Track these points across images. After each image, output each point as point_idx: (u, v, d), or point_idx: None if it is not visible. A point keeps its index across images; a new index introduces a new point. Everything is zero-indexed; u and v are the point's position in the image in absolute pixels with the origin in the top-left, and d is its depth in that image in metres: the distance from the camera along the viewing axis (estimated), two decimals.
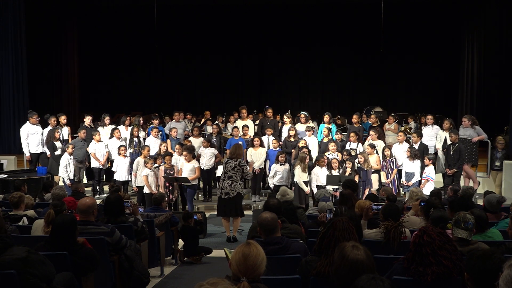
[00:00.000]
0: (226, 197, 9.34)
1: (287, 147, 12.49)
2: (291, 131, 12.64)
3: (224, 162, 9.67)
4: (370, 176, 11.09)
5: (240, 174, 9.40)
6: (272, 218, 4.80)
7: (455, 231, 4.89)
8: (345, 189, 7.57)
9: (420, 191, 8.53)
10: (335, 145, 11.91)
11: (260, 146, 12.24)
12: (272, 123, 13.56)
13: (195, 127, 13.51)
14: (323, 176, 10.83)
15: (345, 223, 4.22)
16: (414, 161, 11.34)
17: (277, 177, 11.37)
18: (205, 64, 22.48)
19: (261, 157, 12.23)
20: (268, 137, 12.78)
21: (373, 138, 12.23)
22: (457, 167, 11.48)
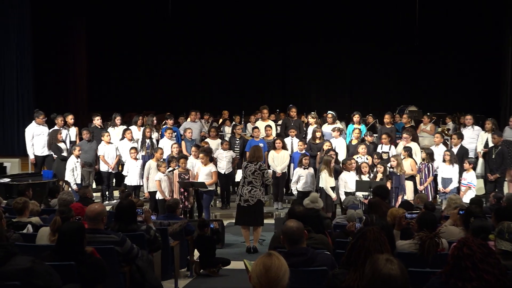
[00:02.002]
0: (246, 204, 9.34)
1: (311, 149, 12.46)
2: (316, 133, 12.61)
3: (243, 166, 9.66)
4: (403, 181, 11.00)
5: (260, 179, 9.40)
6: (297, 228, 4.78)
7: (499, 242, 4.82)
8: (374, 196, 7.51)
9: (459, 199, 8.43)
10: (365, 148, 11.85)
11: (283, 148, 12.22)
12: (297, 123, 13.55)
13: (212, 128, 13.55)
14: (352, 182, 10.77)
15: (376, 233, 4.18)
16: (452, 165, 11.22)
17: (300, 182, 11.35)
18: (223, 60, 22.59)
19: (284, 161, 12.21)
20: (292, 139, 12.76)
21: (406, 140, 12.12)
22: (500, 172, 11.34)
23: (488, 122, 12.19)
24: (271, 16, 21.96)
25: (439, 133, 12.60)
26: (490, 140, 11.80)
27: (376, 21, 21.51)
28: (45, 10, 17.43)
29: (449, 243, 5.52)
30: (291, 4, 21.57)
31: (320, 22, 22.04)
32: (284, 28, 22.30)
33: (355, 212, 7.40)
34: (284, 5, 21.57)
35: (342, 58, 22.74)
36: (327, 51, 22.65)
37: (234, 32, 22.21)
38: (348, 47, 22.41)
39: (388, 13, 21.19)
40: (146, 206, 10.64)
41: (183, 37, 22.08)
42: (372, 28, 21.64)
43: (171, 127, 13.46)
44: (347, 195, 10.50)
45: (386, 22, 21.39)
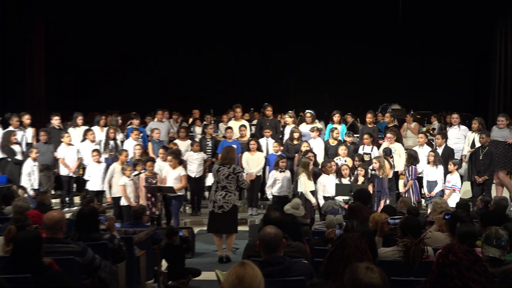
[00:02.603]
0: (221, 211, 9.32)
1: (289, 151, 12.50)
2: (294, 133, 12.65)
3: (214, 169, 9.62)
4: (386, 185, 11.09)
5: (235, 183, 9.40)
6: (275, 234, 4.78)
7: (486, 249, 4.88)
8: (355, 200, 7.57)
9: (445, 203, 8.53)
10: (346, 149, 11.92)
11: (258, 150, 12.24)
12: (272, 123, 13.57)
13: (182, 128, 13.52)
14: (331, 185, 10.83)
15: (357, 240, 4.21)
16: (436, 167, 11.35)
17: (276, 186, 11.37)
18: (193, 56, 22.52)
19: (258, 163, 12.23)
20: (267, 140, 12.79)
21: (390, 141, 12.22)
22: (488, 174, 11.49)
23: (475, 121, 12.35)
24: (247, 13, 22.00)
25: (423, 133, 12.72)
26: (476, 140, 11.95)
27: (356, 17, 21.65)
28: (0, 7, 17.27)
29: (434, 250, 5.57)
30: (268, 1, 21.66)
31: (298, 19, 22.12)
32: (261, 26, 22.33)
33: (334, 218, 7.44)
34: (262, 4, 21.65)
35: (321, 55, 22.82)
36: (305, 48, 22.72)
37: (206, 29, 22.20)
38: (328, 44, 22.50)
39: (369, 8, 21.35)
40: (109, 213, 10.58)
41: (151, 33, 21.99)
42: (353, 24, 21.78)
43: (137, 128, 13.40)
44: (326, 199, 10.56)
45: (367, 18, 21.54)
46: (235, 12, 22.07)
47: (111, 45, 22.20)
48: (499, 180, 11.87)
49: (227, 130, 13.05)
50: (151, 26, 22.08)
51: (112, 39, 22.15)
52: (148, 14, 21.57)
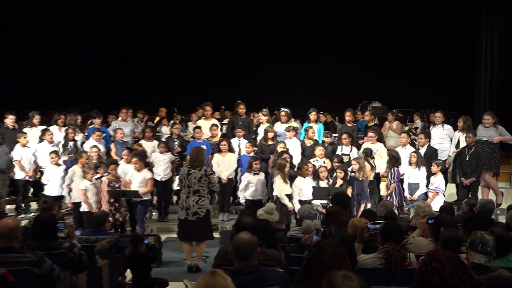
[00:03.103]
0: (195, 217, 9.30)
1: (263, 152, 12.52)
2: (269, 133, 12.66)
3: (183, 172, 9.57)
4: (366, 188, 11.16)
5: (207, 186, 9.39)
6: (249, 241, 4.77)
7: (471, 255, 4.94)
8: (333, 204, 7.60)
9: (428, 206, 8.58)
10: (323, 150, 11.97)
11: (229, 151, 12.24)
12: (245, 122, 13.58)
13: (148, 128, 13.45)
14: (308, 188, 10.86)
15: (335, 246, 4.23)
16: (418, 168, 11.43)
17: (249, 189, 11.38)
18: (160, 51, 22.49)
19: (230, 165, 12.23)
20: (240, 140, 12.79)
21: (371, 140, 12.28)
22: (475, 175, 11.62)
23: (460, 120, 12.49)
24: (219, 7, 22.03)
25: (406, 133, 12.80)
26: (462, 140, 12.09)
27: (333, 10, 21.80)
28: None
29: (417, 256, 5.62)
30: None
31: (272, 13, 22.22)
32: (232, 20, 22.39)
33: (311, 223, 7.44)
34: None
35: (297, 50, 22.91)
36: (280, 43, 22.80)
37: (175, 24, 22.19)
38: (304, 38, 22.62)
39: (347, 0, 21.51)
40: (69, 219, 10.49)
41: (114, 27, 21.91)
42: (330, 18, 21.91)
43: (98, 127, 13.29)
44: (302, 203, 10.54)
45: (345, 11, 21.70)
46: (206, 6, 22.07)
47: (71, 38, 22.03)
48: (485, 182, 12.00)
49: (196, 130, 13.02)
50: (115, 21, 21.97)
51: (71, 32, 21.99)
52: (109, 8, 21.46)
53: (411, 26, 21.58)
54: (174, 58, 22.65)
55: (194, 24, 22.43)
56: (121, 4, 21.87)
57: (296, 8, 22.13)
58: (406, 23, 21.46)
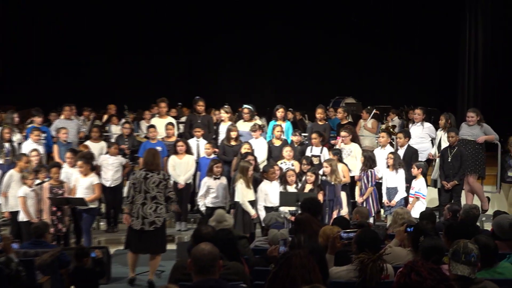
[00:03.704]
0: (153, 227, 9.23)
1: (225, 153, 12.51)
2: (232, 132, 12.64)
3: (138, 176, 9.40)
4: (339, 192, 11.21)
5: (164, 192, 9.33)
6: (210, 252, 4.76)
7: (454, 266, 4.97)
8: (302, 211, 7.60)
9: (407, 213, 8.65)
10: (291, 151, 11.98)
11: (187, 152, 12.20)
12: (205, 120, 13.52)
13: (95, 127, 13.35)
14: (275, 194, 10.87)
15: (304, 258, 4.24)
16: (396, 171, 11.49)
17: (210, 195, 11.33)
18: (111, 44, 22.37)
19: (188, 169, 12.20)
20: (198, 140, 12.75)
21: (345, 140, 12.33)
22: (458, 178, 11.73)
23: (442, 117, 12.62)
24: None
25: (385, 132, 12.85)
26: (444, 140, 12.21)
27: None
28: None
29: (395, 268, 5.65)
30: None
31: (233, 3, 22.24)
32: (190, 10, 22.40)
33: (278, 232, 7.44)
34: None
35: (262, 41, 22.95)
36: (243, 34, 22.83)
37: (130, 15, 22.14)
38: (270, 29, 22.69)
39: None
40: (5, 231, 10.36)
41: (55, 20, 21.80)
42: (298, 6, 21.99)
43: (38, 127, 13.14)
44: (268, 211, 10.53)
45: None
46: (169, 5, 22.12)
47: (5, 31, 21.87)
48: (469, 186, 12.12)
49: (149, 129, 12.96)
50: (57, 15, 21.89)
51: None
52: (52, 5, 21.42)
53: (389, 16, 21.75)
54: (125, 50, 22.51)
55: (148, 14, 22.36)
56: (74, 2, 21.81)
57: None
58: (384, 13, 21.63)
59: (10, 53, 22.00)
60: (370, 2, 20.80)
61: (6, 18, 21.83)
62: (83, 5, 22.21)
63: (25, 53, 22.29)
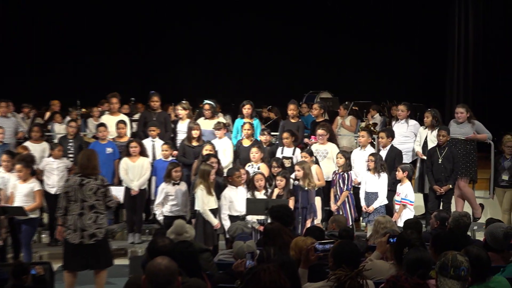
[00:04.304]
0: (93, 240, 9.14)
1: (186, 155, 12.50)
2: (193, 131, 12.59)
3: (72, 183, 9.17)
4: (313, 199, 11.22)
5: (104, 200, 9.22)
6: (167, 267, 4.74)
7: (441, 281, 4.99)
8: (272, 221, 7.59)
9: (389, 221, 8.67)
10: (259, 152, 11.97)
11: (141, 154, 12.14)
12: (161, 118, 13.48)
13: (36, 126, 13.24)
14: (240, 201, 10.86)
15: (274, 273, 4.23)
16: (378, 175, 11.52)
17: (168, 203, 11.31)
18: (52, 30, 22.29)
19: (142, 173, 12.14)
20: (154, 141, 12.70)
21: (322, 140, 12.33)
22: (452, 181, 11.80)
23: (428, 114, 12.67)
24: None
25: (366, 130, 12.86)
26: (430, 140, 12.26)
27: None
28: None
29: (376, 283, 5.67)
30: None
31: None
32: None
33: (244, 244, 7.44)
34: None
35: (226, 31, 22.96)
36: (205, 22, 22.86)
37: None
38: (235, 17, 22.72)
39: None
40: None
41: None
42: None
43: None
44: (233, 220, 10.53)
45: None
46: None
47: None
48: (460, 191, 12.19)
49: (99, 128, 12.88)
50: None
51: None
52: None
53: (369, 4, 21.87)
54: (70, 39, 22.44)
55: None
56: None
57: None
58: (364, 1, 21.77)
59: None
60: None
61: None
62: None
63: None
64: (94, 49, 22.66)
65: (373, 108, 17.31)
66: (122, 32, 23.00)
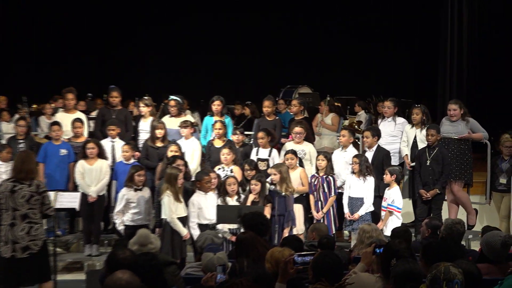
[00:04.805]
0: (27, 254, 9.05)
1: (149, 157, 12.49)
2: (157, 130, 12.56)
3: (3, 189, 9.05)
4: (291, 206, 11.21)
5: (39, 208, 9.12)
6: (128, 282, 4.76)
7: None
8: (245, 230, 7.58)
9: (375, 230, 8.71)
10: (232, 153, 11.96)
11: (99, 156, 12.09)
12: (121, 116, 13.42)
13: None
14: (210, 208, 10.85)
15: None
16: (364, 178, 11.54)
17: (130, 211, 11.28)
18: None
19: (101, 177, 12.09)
20: (113, 141, 12.65)
21: (298, 139, 12.33)
22: (440, 186, 11.82)
23: (417, 110, 12.65)
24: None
25: (348, 129, 12.87)
26: (420, 139, 12.29)
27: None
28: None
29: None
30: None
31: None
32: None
33: (215, 256, 7.43)
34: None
35: (193, 18, 22.94)
36: (167, 7, 22.83)
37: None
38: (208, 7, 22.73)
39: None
40: None
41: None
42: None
43: None
44: (202, 229, 10.52)
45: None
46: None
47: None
48: (453, 196, 12.23)
49: (52, 127, 12.81)
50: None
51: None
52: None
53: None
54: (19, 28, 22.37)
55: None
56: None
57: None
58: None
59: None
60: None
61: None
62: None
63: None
64: (48, 38, 22.57)
65: (358, 104, 17.35)
66: (77, 18, 22.97)
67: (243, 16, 22.59)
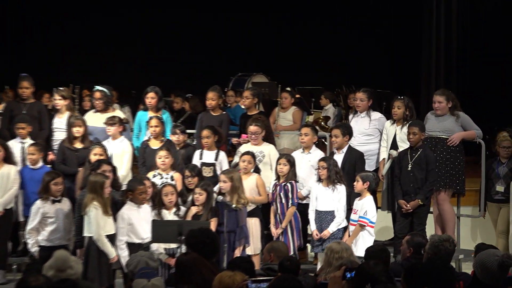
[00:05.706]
0: None
1: (66, 161, 12.41)
2: (75, 128, 12.47)
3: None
4: (244, 220, 11.20)
5: None
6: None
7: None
8: (187, 250, 7.54)
9: (347, 250, 8.73)
10: (169, 156, 11.91)
11: (5, 161, 11.98)
12: (33, 110, 13.32)
13: None
14: (144, 224, 10.79)
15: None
16: (333, 187, 11.55)
17: (46, 228, 11.18)
18: None
19: (8, 186, 11.98)
20: (24, 142, 12.54)
21: (255, 139, 12.32)
22: (423, 196, 11.82)
23: (399, 103, 12.67)
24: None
25: (310, 127, 12.89)
26: (400, 139, 12.32)
27: None
28: None
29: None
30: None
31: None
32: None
33: (149, 283, 7.40)
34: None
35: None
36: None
37: None
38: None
39: None
40: None
41: None
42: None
43: None
44: (134, 250, 10.47)
45: None
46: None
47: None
48: (438, 208, 12.25)
49: None
50: None
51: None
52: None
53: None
54: None
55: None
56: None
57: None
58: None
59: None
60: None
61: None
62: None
63: None
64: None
65: (325, 96, 17.41)
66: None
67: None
